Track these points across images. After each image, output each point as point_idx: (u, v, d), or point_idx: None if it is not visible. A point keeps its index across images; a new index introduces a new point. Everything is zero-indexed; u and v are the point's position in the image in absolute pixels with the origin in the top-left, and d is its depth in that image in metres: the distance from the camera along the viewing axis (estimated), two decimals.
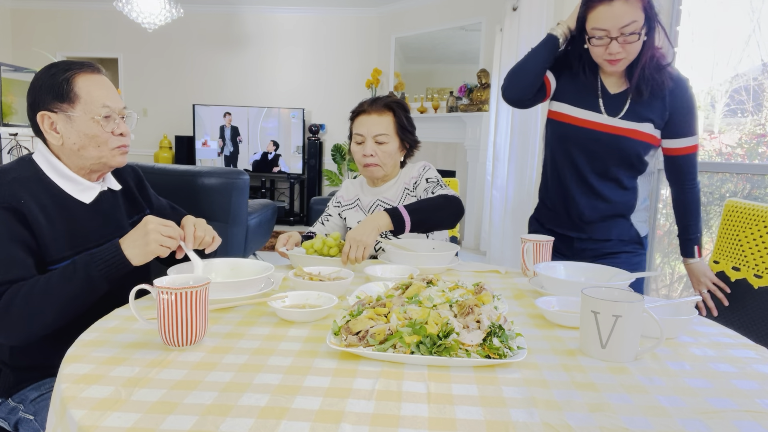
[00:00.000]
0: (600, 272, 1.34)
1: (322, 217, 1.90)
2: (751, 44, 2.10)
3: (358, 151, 1.78)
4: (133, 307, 0.94)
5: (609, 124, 1.61)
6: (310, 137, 7.07)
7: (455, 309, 0.94)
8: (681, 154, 1.63)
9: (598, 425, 0.68)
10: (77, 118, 1.19)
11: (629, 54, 1.50)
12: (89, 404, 0.70)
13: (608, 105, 1.62)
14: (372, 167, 1.77)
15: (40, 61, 6.19)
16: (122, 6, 4.97)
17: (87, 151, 1.22)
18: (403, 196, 1.79)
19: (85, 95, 1.20)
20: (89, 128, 1.20)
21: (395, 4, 6.58)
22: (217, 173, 2.68)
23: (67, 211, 1.21)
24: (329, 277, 1.28)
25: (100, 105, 1.21)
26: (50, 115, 1.19)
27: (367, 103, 1.81)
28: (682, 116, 1.58)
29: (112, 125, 1.23)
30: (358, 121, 1.80)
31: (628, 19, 1.43)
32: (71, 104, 1.19)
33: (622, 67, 1.54)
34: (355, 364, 0.85)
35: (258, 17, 7.18)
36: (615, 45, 1.47)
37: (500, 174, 4.46)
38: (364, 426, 0.66)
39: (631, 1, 1.44)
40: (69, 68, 1.21)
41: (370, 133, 1.76)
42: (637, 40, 1.46)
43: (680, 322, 1.02)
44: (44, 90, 1.19)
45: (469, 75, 5.68)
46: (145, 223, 1.13)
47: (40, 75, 1.22)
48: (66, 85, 1.19)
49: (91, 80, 1.22)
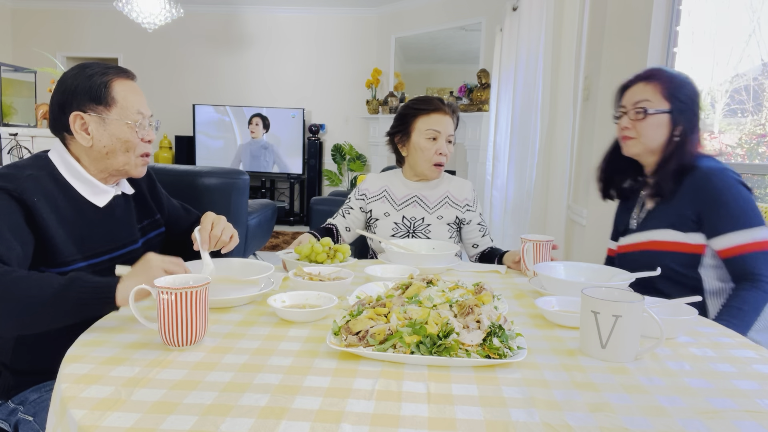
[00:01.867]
0: (600, 272, 1.34)
1: (343, 210, 1.92)
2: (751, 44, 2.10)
3: (431, 147, 1.80)
4: (133, 307, 0.94)
5: (628, 242, 1.53)
6: (310, 137, 7.07)
7: (455, 309, 0.94)
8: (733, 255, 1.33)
9: (598, 425, 0.68)
10: (112, 122, 1.21)
11: (640, 135, 1.47)
12: (89, 404, 0.70)
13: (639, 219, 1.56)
14: (442, 166, 1.83)
15: (40, 61, 6.19)
16: (122, 6, 4.96)
17: (114, 156, 1.23)
18: (442, 204, 1.84)
19: (122, 100, 1.22)
20: (123, 132, 1.22)
21: (395, 4, 6.58)
22: (217, 173, 2.68)
23: (80, 213, 1.21)
24: (329, 277, 1.28)
25: (135, 111, 1.23)
26: (83, 116, 1.20)
27: (439, 101, 1.84)
28: (715, 209, 1.35)
29: (143, 132, 1.25)
30: (434, 117, 1.81)
31: (640, 96, 1.47)
32: (108, 107, 1.21)
33: (633, 149, 1.50)
34: (355, 364, 0.85)
35: (258, 17, 7.18)
36: (625, 119, 1.50)
37: (500, 174, 4.45)
38: (364, 426, 0.66)
39: (652, 84, 1.46)
40: (107, 72, 1.22)
41: (445, 132, 1.80)
42: (643, 118, 1.45)
43: (680, 322, 1.02)
44: (80, 91, 1.20)
45: (469, 75, 5.68)
46: (147, 261, 1.04)
47: (74, 75, 1.22)
48: (104, 88, 1.21)
49: (128, 86, 1.25)
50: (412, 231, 1.80)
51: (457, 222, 1.84)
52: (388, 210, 1.85)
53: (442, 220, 1.82)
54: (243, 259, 1.35)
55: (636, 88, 1.49)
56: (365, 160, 7.10)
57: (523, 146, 3.75)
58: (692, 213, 1.39)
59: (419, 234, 1.80)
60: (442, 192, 1.86)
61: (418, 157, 1.82)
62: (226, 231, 1.29)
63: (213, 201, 2.69)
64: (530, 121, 3.53)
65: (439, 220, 1.81)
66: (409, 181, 1.89)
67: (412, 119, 1.83)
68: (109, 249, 1.27)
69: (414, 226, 1.81)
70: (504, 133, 4.37)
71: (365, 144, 7.11)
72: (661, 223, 1.45)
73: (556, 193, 3.29)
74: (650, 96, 1.46)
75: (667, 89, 1.45)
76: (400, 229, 1.81)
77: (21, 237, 1.10)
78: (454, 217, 1.83)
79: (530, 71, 3.56)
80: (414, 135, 1.82)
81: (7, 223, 1.08)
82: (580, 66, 3.00)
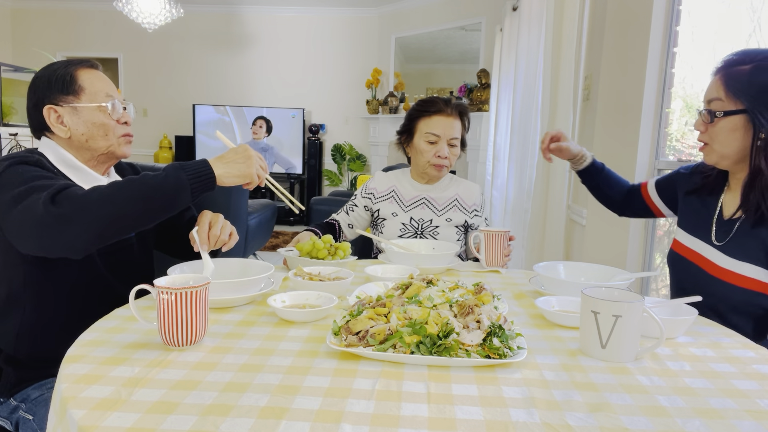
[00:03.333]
0: (600, 272, 1.34)
1: (347, 207, 1.92)
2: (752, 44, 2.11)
3: (429, 150, 1.79)
4: (133, 307, 0.94)
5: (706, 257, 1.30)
6: (310, 137, 7.07)
7: (455, 309, 0.94)
8: None
9: (598, 425, 0.68)
10: (83, 109, 1.24)
11: (713, 140, 1.25)
12: (89, 404, 0.70)
13: (719, 232, 1.30)
14: (442, 168, 1.81)
15: (40, 61, 6.19)
16: (122, 6, 4.96)
17: (95, 141, 1.25)
18: (450, 207, 1.84)
19: (89, 86, 1.25)
20: (96, 117, 1.24)
21: (395, 4, 6.58)
22: None
23: None
24: (329, 277, 1.28)
25: (103, 94, 1.26)
26: (56, 109, 1.23)
27: (443, 103, 1.81)
28: None
29: (118, 113, 1.27)
30: (434, 120, 1.79)
31: (713, 93, 1.23)
32: (76, 96, 1.23)
33: (709, 157, 1.29)
34: (355, 364, 0.85)
35: (258, 17, 7.18)
36: (699, 121, 1.28)
37: (500, 174, 4.45)
38: (364, 426, 0.66)
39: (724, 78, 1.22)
40: (69, 64, 1.26)
41: (445, 135, 1.78)
42: (710, 121, 1.23)
43: (680, 322, 1.02)
44: (48, 85, 1.23)
45: (469, 75, 5.68)
46: (246, 149, 1.16)
47: (40, 74, 1.26)
48: (69, 78, 1.24)
49: (92, 74, 1.27)
50: (420, 232, 1.80)
51: (465, 225, 1.85)
52: (396, 210, 1.84)
53: (451, 222, 1.82)
54: (243, 259, 1.35)
55: (714, 80, 1.24)
56: (365, 160, 7.10)
57: (523, 146, 3.75)
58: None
59: (427, 235, 1.80)
60: (451, 195, 1.86)
61: (419, 159, 1.82)
62: (225, 229, 1.29)
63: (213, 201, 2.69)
64: (530, 121, 3.53)
65: (447, 222, 1.81)
66: (416, 182, 1.89)
67: (416, 121, 1.83)
68: None
69: (422, 227, 1.81)
70: (504, 133, 4.37)
71: (365, 144, 7.11)
72: (753, 258, 1.21)
73: (556, 193, 3.29)
74: (721, 95, 1.21)
75: (738, 83, 1.18)
76: (408, 230, 1.81)
77: None
78: (462, 221, 1.84)
79: (530, 71, 3.56)
80: (416, 137, 1.82)
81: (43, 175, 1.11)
82: (580, 66, 3.00)
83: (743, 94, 1.18)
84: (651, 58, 2.35)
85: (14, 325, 1.21)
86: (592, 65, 2.79)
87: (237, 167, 1.14)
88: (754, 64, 1.18)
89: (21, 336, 1.21)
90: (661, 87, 2.37)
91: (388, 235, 1.81)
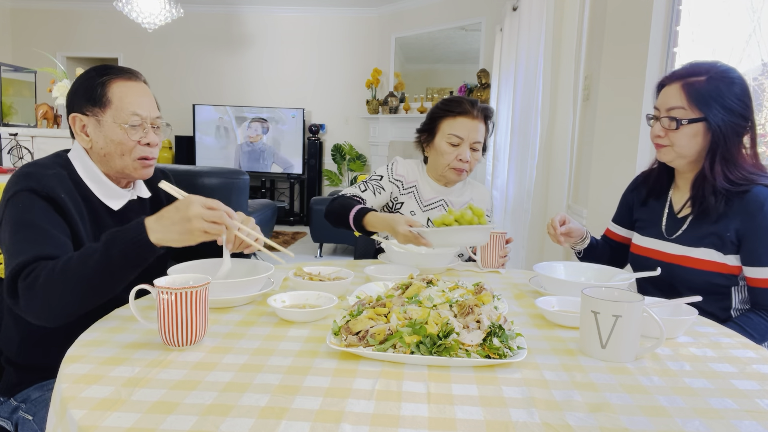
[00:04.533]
0: (600, 272, 1.34)
1: (374, 187, 1.76)
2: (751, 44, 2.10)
3: (451, 152, 1.71)
4: (133, 307, 0.94)
5: (661, 250, 1.43)
6: (310, 137, 7.07)
7: (455, 309, 0.94)
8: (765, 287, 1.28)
9: (598, 425, 0.68)
10: (106, 124, 1.21)
11: (674, 144, 1.34)
12: (89, 404, 0.70)
13: (670, 227, 1.44)
14: (461, 172, 1.74)
15: (40, 61, 6.19)
16: (122, 6, 4.96)
17: (111, 159, 1.23)
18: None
19: (117, 101, 1.21)
20: (115, 134, 1.21)
21: (395, 4, 6.58)
22: (217, 173, 2.68)
23: (95, 215, 1.22)
24: (329, 277, 1.28)
25: (129, 113, 1.21)
26: (82, 118, 1.21)
27: (469, 104, 1.72)
28: (759, 239, 1.27)
29: (139, 134, 1.23)
30: (459, 121, 1.71)
31: (674, 102, 1.32)
32: (102, 109, 1.20)
33: (666, 157, 1.38)
34: (355, 364, 0.85)
35: (258, 17, 7.18)
36: (658, 126, 1.36)
37: (500, 174, 4.45)
38: (364, 426, 0.66)
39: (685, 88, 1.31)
40: (106, 73, 1.22)
41: (470, 138, 1.71)
42: (676, 128, 1.31)
43: (680, 322, 1.02)
44: (79, 93, 1.22)
45: (469, 75, 5.68)
46: (187, 206, 1.01)
47: (79, 78, 1.24)
48: (100, 89, 1.20)
49: (127, 87, 1.22)
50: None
51: None
52: (414, 209, 1.79)
53: None
54: (244, 259, 1.35)
55: (672, 89, 1.34)
56: (365, 160, 7.10)
57: (523, 146, 3.75)
58: (735, 237, 1.30)
59: None
60: (467, 200, 1.83)
61: (438, 161, 1.75)
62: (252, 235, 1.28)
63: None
64: (530, 121, 3.53)
65: None
66: (434, 182, 1.82)
67: (439, 120, 1.74)
68: None
69: None
70: (504, 133, 4.37)
71: (365, 144, 7.11)
72: (702, 242, 1.34)
73: (556, 193, 3.29)
74: (683, 104, 1.31)
75: (698, 93, 1.29)
76: None
77: (65, 232, 1.13)
78: None
79: (530, 71, 3.56)
80: (437, 137, 1.74)
81: (47, 220, 1.10)
82: (580, 66, 3.00)
83: (702, 104, 1.29)
84: (651, 58, 2.35)
85: (19, 332, 1.21)
86: (592, 65, 2.79)
87: (175, 229, 1.01)
88: (708, 75, 1.30)
89: (25, 343, 1.21)
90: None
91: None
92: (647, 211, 1.53)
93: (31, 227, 1.08)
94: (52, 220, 1.11)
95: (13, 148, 4.05)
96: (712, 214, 1.33)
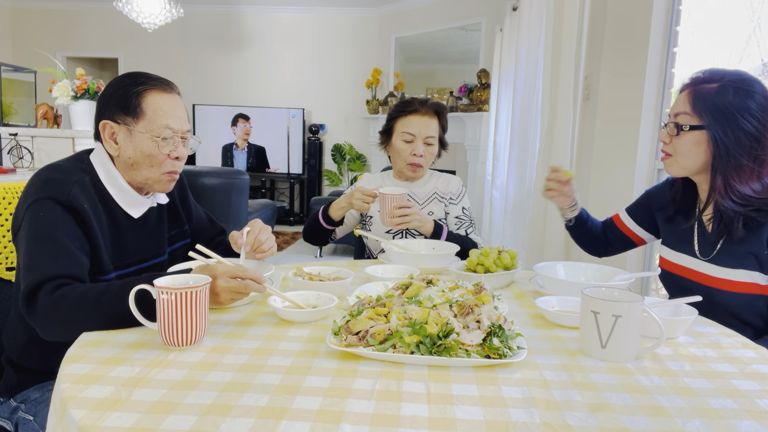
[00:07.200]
0: (600, 272, 1.34)
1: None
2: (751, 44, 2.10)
3: (406, 149, 1.82)
4: (133, 307, 0.94)
5: (697, 270, 1.32)
6: (310, 137, 7.07)
7: (455, 309, 0.94)
8: None
9: (598, 425, 0.68)
10: (138, 135, 1.19)
11: (676, 151, 1.28)
12: (89, 404, 0.70)
13: (703, 245, 1.32)
14: (418, 167, 1.84)
15: (40, 61, 6.19)
16: (122, 6, 4.96)
17: (139, 169, 1.22)
18: (431, 200, 1.86)
19: (151, 113, 1.19)
20: (147, 146, 1.20)
21: (395, 4, 6.58)
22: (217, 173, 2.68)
23: (115, 222, 1.22)
24: (329, 277, 1.28)
25: (162, 126, 1.20)
26: (113, 125, 1.20)
27: (418, 102, 1.84)
28: None
29: (170, 147, 1.22)
30: (409, 120, 1.83)
31: (678, 108, 1.27)
32: (135, 119, 1.19)
33: (671, 169, 1.32)
34: (355, 364, 0.85)
35: (258, 17, 7.18)
36: (664, 131, 1.31)
37: (500, 174, 4.45)
38: (364, 426, 0.66)
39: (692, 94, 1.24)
40: (143, 82, 1.20)
41: (421, 134, 1.81)
42: (676, 133, 1.26)
43: (680, 322, 1.02)
44: (113, 99, 1.20)
45: (469, 75, 5.68)
46: (213, 281, 1.01)
47: (113, 83, 1.22)
48: (135, 99, 1.19)
49: (162, 99, 1.21)
50: (406, 228, 1.80)
51: (446, 216, 1.87)
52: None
53: (433, 215, 1.84)
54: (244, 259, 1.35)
55: (683, 94, 1.27)
56: (365, 160, 7.10)
57: (523, 146, 3.75)
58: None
59: (414, 231, 1.80)
60: (431, 188, 1.89)
61: (397, 159, 1.87)
62: (269, 242, 1.29)
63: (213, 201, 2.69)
64: (530, 121, 3.53)
65: (429, 215, 1.82)
66: (398, 181, 1.92)
67: (394, 121, 1.87)
68: (137, 260, 1.27)
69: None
70: (504, 133, 4.37)
71: (365, 144, 7.11)
72: (741, 263, 1.23)
73: None
74: (687, 109, 1.24)
75: (703, 101, 1.22)
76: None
77: (83, 247, 1.12)
78: (442, 213, 1.86)
79: (530, 71, 3.56)
80: (394, 136, 1.86)
81: (68, 236, 1.09)
82: (580, 66, 3.00)
83: (707, 111, 1.21)
84: (651, 58, 2.35)
85: (24, 335, 1.20)
86: (592, 65, 2.79)
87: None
88: (720, 83, 1.22)
89: (29, 346, 1.21)
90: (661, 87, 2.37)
91: (376, 232, 1.83)
92: (675, 228, 1.42)
93: (50, 242, 1.07)
94: (71, 234, 1.10)
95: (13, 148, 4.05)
96: (734, 235, 1.23)
